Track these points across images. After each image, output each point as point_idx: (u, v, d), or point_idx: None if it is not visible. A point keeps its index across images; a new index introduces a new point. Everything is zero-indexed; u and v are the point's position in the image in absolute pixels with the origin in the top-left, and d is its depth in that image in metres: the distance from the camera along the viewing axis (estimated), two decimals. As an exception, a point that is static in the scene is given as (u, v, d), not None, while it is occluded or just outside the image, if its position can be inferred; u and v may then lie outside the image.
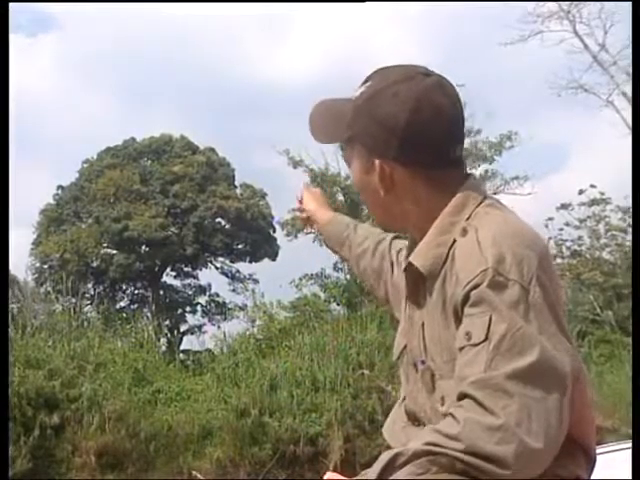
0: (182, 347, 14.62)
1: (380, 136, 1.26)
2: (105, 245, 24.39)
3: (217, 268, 26.49)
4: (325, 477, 1.46)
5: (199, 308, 26.12)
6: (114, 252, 24.29)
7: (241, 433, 7.59)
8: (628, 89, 15.38)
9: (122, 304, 24.71)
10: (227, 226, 25.56)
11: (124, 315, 15.84)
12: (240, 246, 25.86)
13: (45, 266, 23.17)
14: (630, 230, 13.77)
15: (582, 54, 16.58)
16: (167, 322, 18.88)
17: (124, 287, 25.53)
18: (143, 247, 24.51)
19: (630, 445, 1.81)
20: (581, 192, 15.18)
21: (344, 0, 20.79)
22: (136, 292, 25.57)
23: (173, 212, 24.65)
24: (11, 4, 2.45)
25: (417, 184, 1.27)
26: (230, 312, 23.12)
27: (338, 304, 12.44)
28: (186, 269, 26.30)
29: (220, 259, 26.40)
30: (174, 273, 26.26)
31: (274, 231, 24.13)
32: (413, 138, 1.24)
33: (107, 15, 34.27)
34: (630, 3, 2.32)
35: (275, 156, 14.72)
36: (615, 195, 14.87)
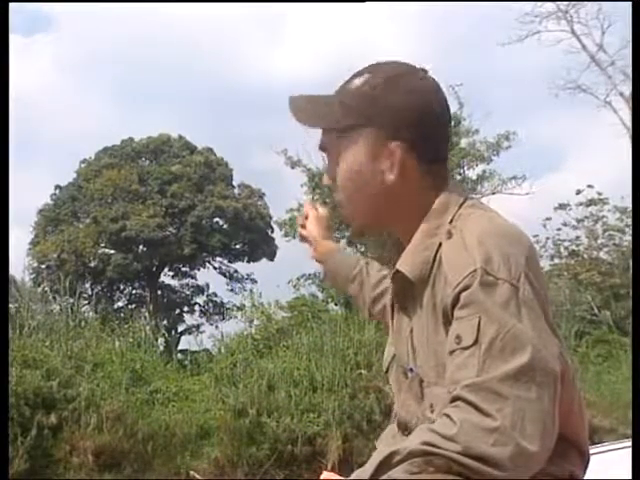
0: (180, 347, 14.59)
1: (395, 122, 1.26)
2: (103, 245, 24.39)
3: (215, 268, 26.53)
4: (322, 477, 1.46)
5: (197, 308, 26.18)
6: (112, 252, 24.29)
7: (239, 433, 7.59)
8: (626, 89, 15.42)
9: (120, 304, 24.74)
10: (225, 226, 25.57)
11: (122, 315, 15.85)
12: (238, 246, 25.88)
13: (43, 266, 23.14)
14: (628, 230, 13.80)
15: (580, 54, 16.64)
16: (165, 322, 18.88)
17: (122, 287, 25.54)
18: (141, 247, 24.51)
19: (628, 444, 1.81)
20: (579, 192, 15.21)
21: (344, 0, 20.81)
22: (134, 292, 25.58)
23: (171, 212, 24.64)
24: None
25: (417, 176, 1.28)
26: (228, 312, 23.15)
27: (336, 304, 12.43)
28: (184, 269, 26.32)
29: (218, 259, 26.43)
30: (172, 273, 26.30)
31: (272, 231, 24.16)
32: (424, 129, 1.26)
33: (104, 15, 34.28)
34: (628, 3, 2.32)
35: (273, 156, 14.67)
36: (613, 195, 14.92)
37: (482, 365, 1.07)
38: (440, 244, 1.21)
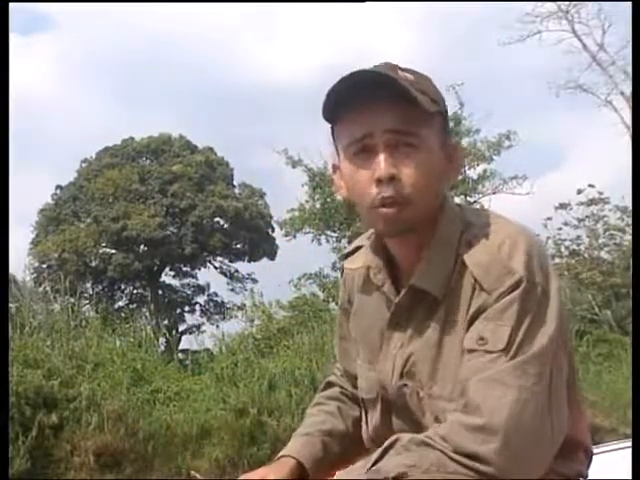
0: (181, 347, 14.59)
1: (447, 118, 1.27)
2: (104, 245, 24.39)
3: (216, 268, 26.53)
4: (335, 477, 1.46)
5: (198, 308, 26.18)
6: (113, 252, 24.30)
7: (240, 433, 7.58)
8: (626, 88, 15.43)
9: (121, 304, 24.73)
10: (226, 225, 25.57)
11: (123, 315, 15.82)
12: (239, 245, 25.88)
13: (44, 266, 23.14)
14: (628, 229, 13.80)
15: (581, 54, 16.68)
16: (166, 322, 18.87)
17: (123, 287, 25.54)
18: (142, 246, 24.51)
19: (628, 444, 1.81)
20: (579, 192, 15.20)
21: (344, 0, 20.81)
22: (135, 292, 25.57)
23: (172, 212, 24.65)
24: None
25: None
26: (229, 312, 23.14)
27: (337, 304, 12.43)
28: (185, 269, 26.32)
29: (219, 258, 26.43)
30: (173, 273, 26.30)
31: (273, 230, 24.16)
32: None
33: (104, 15, 34.30)
34: (629, 3, 2.32)
35: (273, 155, 14.69)
36: (613, 195, 14.93)
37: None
38: (458, 255, 1.17)
